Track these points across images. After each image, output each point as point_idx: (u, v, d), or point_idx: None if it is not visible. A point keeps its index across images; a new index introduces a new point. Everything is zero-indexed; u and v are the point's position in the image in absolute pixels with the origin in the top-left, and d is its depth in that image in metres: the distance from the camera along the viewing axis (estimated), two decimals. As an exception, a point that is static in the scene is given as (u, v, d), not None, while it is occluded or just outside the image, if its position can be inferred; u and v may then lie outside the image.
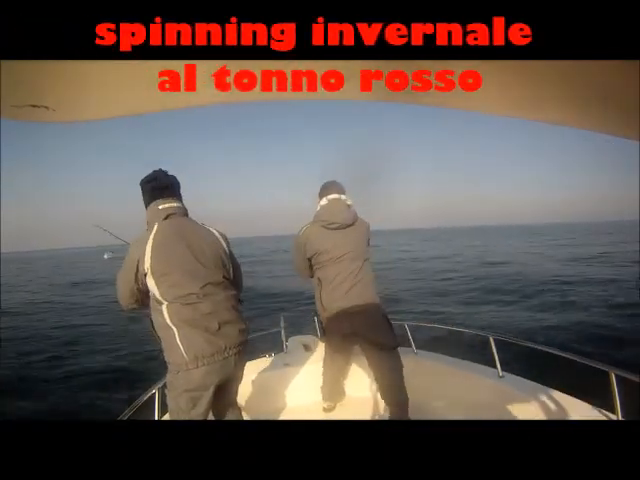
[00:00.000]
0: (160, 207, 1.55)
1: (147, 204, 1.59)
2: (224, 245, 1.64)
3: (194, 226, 1.61)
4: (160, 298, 1.47)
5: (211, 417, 1.74)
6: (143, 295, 1.54)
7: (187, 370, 1.45)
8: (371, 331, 2.07)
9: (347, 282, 2.06)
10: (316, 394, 2.44)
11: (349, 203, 2.17)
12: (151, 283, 1.47)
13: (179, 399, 1.50)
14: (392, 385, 2.08)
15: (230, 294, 1.60)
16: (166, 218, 1.54)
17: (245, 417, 1.87)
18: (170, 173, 1.64)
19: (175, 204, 1.59)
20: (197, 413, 1.50)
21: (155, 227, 1.51)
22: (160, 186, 1.59)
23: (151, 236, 1.48)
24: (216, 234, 1.64)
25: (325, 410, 2.38)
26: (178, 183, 1.65)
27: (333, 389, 2.39)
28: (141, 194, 1.62)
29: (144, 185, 1.61)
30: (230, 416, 1.73)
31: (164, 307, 1.47)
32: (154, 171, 1.62)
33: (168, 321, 1.46)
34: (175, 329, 1.45)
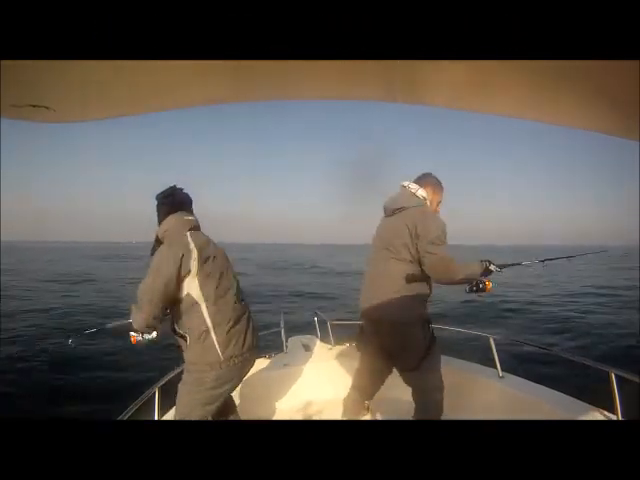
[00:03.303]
0: (186, 218, 1.64)
1: (164, 216, 1.65)
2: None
3: (212, 240, 1.72)
4: (200, 299, 1.53)
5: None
6: (168, 303, 1.56)
7: (219, 369, 1.54)
8: (392, 347, 1.88)
9: (375, 285, 1.87)
10: (316, 394, 2.44)
11: (413, 190, 1.90)
12: (193, 282, 1.52)
13: (199, 394, 1.57)
14: (415, 404, 1.92)
15: (247, 301, 1.75)
16: (191, 229, 1.62)
17: (245, 417, 1.88)
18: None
19: (194, 218, 1.69)
20: (211, 409, 1.59)
21: (188, 234, 1.58)
22: (179, 201, 1.68)
23: (190, 240, 1.56)
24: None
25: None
26: (191, 200, 1.75)
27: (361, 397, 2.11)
28: (156, 207, 1.68)
29: (164, 199, 1.68)
30: (229, 414, 1.80)
31: (203, 307, 1.53)
32: (170, 187, 1.70)
33: (208, 321, 1.53)
34: (212, 329, 1.53)
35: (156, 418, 1.74)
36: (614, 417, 1.64)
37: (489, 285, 1.84)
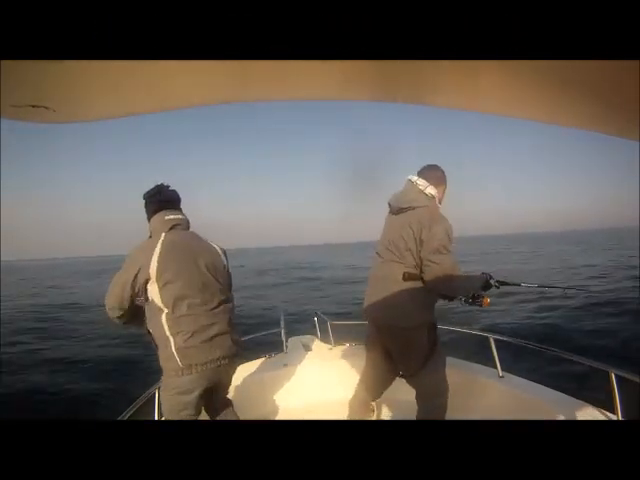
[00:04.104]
0: (166, 217, 1.61)
1: (151, 215, 1.65)
2: (224, 260, 1.72)
3: (199, 240, 1.68)
4: (161, 306, 1.51)
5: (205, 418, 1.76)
6: (131, 304, 1.56)
7: (181, 375, 1.52)
8: (393, 351, 1.87)
9: (377, 286, 1.83)
10: (316, 394, 2.44)
11: (421, 187, 1.78)
12: (154, 290, 1.51)
13: (172, 400, 1.57)
14: (418, 407, 1.90)
15: (228, 306, 1.67)
16: (172, 229, 1.60)
17: (245, 417, 1.88)
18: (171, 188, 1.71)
19: (180, 216, 1.66)
20: (187, 414, 1.57)
21: (162, 236, 1.56)
22: (165, 199, 1.66)
23: (159, 244, 1.53)
24: (217, 249, 1.72)
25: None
26: (179, 198, 1.73)
27: (365, 399, 2.07)
28: (144, 206, 1.68)
29: (149, 198, 1.67)
30: (224, 416, 1.78)
31: (163, 316, 1.51)
32: (157, 185, 1.68)
33: (166, 330, 1.51)
34: (172, 338, 1.51)
35: (156, 418, 1.74)
36: (614, 417, 1.64)
37: (487, 300, 1.83)
